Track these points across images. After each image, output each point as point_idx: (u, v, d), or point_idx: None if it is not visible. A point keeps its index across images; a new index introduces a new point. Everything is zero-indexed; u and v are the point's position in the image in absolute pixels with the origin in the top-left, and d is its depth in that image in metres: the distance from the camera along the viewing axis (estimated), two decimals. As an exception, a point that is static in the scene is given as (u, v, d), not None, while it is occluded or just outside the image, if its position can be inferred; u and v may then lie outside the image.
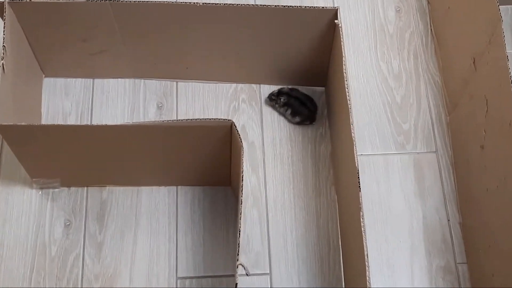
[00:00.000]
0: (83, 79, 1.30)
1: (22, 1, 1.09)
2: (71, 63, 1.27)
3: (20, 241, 1.16)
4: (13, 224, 1.17)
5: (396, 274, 1.15)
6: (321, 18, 1.12)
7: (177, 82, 1.30)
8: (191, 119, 1.03)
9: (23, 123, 1.00)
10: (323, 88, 1.31)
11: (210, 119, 1.02)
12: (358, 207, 0.95)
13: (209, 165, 1.15)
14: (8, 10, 1.08)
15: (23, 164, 1.13)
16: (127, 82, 1.30)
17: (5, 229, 1.17)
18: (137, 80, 1.30)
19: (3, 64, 1.03)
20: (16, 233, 1.16)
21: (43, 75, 1.30)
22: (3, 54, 1.05)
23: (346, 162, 1.11)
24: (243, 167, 1.00)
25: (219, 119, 1.02)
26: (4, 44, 1.06)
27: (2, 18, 1.09)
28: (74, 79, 1.30)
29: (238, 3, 1.13)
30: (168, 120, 1.01)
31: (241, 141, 1.00)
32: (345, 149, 1.11)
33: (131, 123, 1.04)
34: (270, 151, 1.25)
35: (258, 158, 1.24)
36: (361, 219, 0.94)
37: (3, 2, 1.08)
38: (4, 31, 1.07)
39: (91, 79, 1.30)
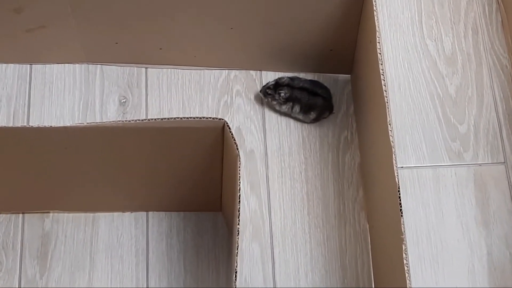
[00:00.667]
0: (17, 65, 1.32)
1: None
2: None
3: None
4: None
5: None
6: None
7: (146, 68, 1.32)
8: (167, 119, 1.03)
9: None
10: (348, 76, 1.32)
11: (193, 117, 1.02)
12: (399, 239, 0.96)
13: (191, 182, 1.16)
14: None
15: None
16: (78, 69, 1.32)
17: None
18: (91, 66, 1.32)
19: None
20: None
21: (-39, 59, 1.31)
22: None
23: (381, 178, 1.12)
24: (240, 185, 1.00)
25: (205, 117, 1.02)
26: None
27: None
28: (3, 65, 1.31)
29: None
30: (134, 120, 1.01)
31: (237, 149, 1.00)
32: (380, 159, 1.12)
33: (83, 124, 1.04)
34: (276, 163, 1.26)
35: (259, 173, 1.25)
36: (404, 256, 0.94)
37: None
38: None
39: (28, 65, 1.32)
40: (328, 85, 1.30)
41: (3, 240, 1.20)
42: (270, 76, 1.31)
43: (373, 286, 1.18)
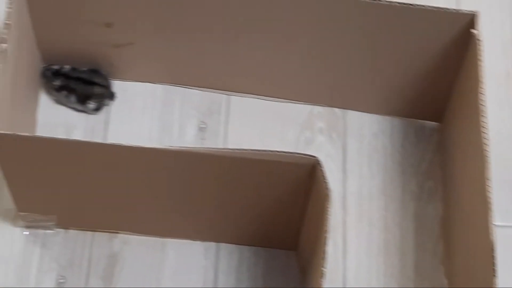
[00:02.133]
0: (99, 80, 1.33)
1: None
2: (85, 54, 1.29)
3: (-8, 299, 1.18)
4: (-15, 275, 1.19)
5: None
6: (450, 25, 1.14)
7: (230, 95, 1.32)
8: (252, 150, 1.03)
9: (26, 134, 1.03)
10: (436, 123, 1.31)
11: (284, 152, 1.02)
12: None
13: (268, 218, 1.16)
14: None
15: (11, 190, 1.15)
16: (159, 89, 1.33)
17: (-27, 282, 1.19)
18: (172, 87, 1.33)
19: (6, 48, 1.06)
20: (-11, 288, 1.18)
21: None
22: (6, 33, 1.07)
23: (469, 233, 1.11)
24: (328, 227, 1.00)
25: (296, 153, 1.02)
26: (8, 21, 1.09)
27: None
28: (86, 77, 1.33)
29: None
30: (214, 148, 1.02)
31: (327, 189, 1.00)
32: (470, 214, 1.11)
33: (160, 146, 1.05)
34: (354, 207, 1.25)
35: (336, 217, 1.24)
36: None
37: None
38: (8, 7, 1.11)
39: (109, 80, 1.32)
40: (414, 131, 1.30)
41: (71, 257, 1.20)
42: (356, 116, 1.31)
43: None
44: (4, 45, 1.06)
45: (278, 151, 1.03)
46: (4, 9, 1.11)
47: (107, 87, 1.29)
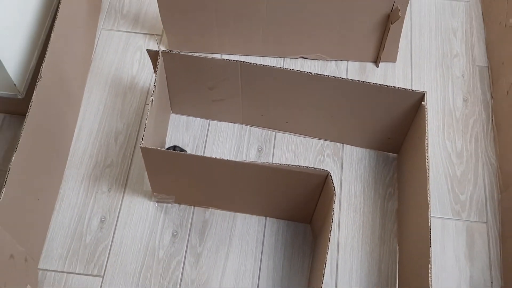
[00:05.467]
0: (201, 119, 1.33)
1: (173, 52, 1.14)
2: (195, 104, 1.31)
3: (135, 242, 1.19)
4: (132, 228, 1.20)
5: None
6: (408, 98, 1.14)
7: (276, 132, 1.33)
8: (291, 165, 1.04)
9: (160, 148, 1.05)
10: (396, 154, 1.30)
11: (308, 167, 1.03)
12: (427, 261, 0.94)
13: (296, 204, 1.16)
14: (160, 58, 1.14)
15: (150, 180, 1.16)
16: (236, 127, 1.33)
17: (125, 230, 1.20)
18: (244, 126, 1.33)
19: (152, 99, 1.09)
20: (133, 235, 1.19)
21: (171, 111, 1.34)
22: (153, 91, 1.10)
23: (413, 220, 1.10)
24: (333, 212, 1.00)
25: (316, 168, 1.03)
26: (155, 84, 1.11)
27: (155, 63, 1.15)
28: (194, 118, 1.33)
29: (339, 76, 1.16)
30: (269, 163, 1.03)
31: (334, 190, 1.01)
32: (413, 209, 1.11)
33: (237, 160, 1.06)
34: (346, 201, 1.25)
35: (336, 205, 1.24)
36: (429, 273, 0.93)
37: (158, 51, 1.13)
38: (155, 74, 1.13)
39: (208, 120, 1.33)
40: (382, 159, 1.29)
41: (181, 220, 1.22)
42: (348, 148, 1.30)
43: (397, 279, 1.16)
44: (151, 97, 1.09)
45: (303, 166, 1.04)
46: (153, 77, 1.13)
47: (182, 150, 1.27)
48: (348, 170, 1.28)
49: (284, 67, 1.15)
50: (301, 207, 1.16)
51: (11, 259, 1.02)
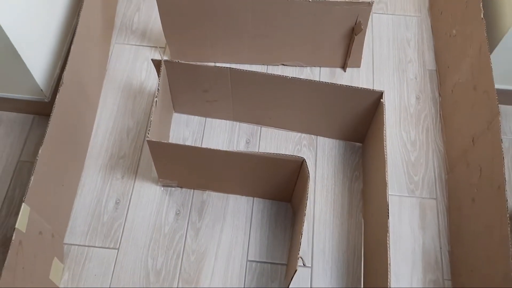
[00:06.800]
0: (199, 117, 1.31)
1: (174, 61, 1.12)
2: (193, 105, 1.28)
3: (145, 220, 1.17)
4: (142, 208, 1.18)
5: (400, 282, 1.11)
6: (369, 97, 1.12)
7: (261, 127, 1.31)
8: (273, 153, 1.02)
9: (164, 141, 1.02)
10: (361, 144, 1.28)
11: (288, 155, 1.01)
12: (386, 230, 0.93)
13: (278, 186, 1.14)
14: (163, 66, 1.12)
15: (156, 168, 1.14)
16: (228, 123, 1.31)
17: (136, 210, 1.18)
18: (234, 123, 1.31)
19: (156, 100, 1.06)
20: (143, 214, 1.17)
21: (173, 111, 1.31)
22: (157, 93, 1.07)
23: (375, 198, 1.09)
24: (308, 192, 0.98)
25: (293, 155, 1.01)
26: (158, 88, 1.09)
27: (159, 70, 1.12)
28: (193, 116, 1.31)
29: (312, 79, 1.14)
30: (256, 152, 1.02)
31: (309, 174, 0.99)
32: (375, 188, 1.09)
33: (229, 150, 1.04)
34: (319, 183, 1.23)
35: (311, 187, 1.22)
36: (387, 240, 0.91)
37: (161, 60, 1.11)
38: (159, 79, 1.10)
39: (204, 118, 1.31)
40: (350, 147, 1.27)
41: (183, 201, 1.20)
42: (321, 139, 1.28)
43: (363, 252, 1.14)
44: (155, 99, 1.07)
45: (284, 154, 1.02)
46: (156, 81, 1.11)
47: None
48: (321, 158, 1.26)
49: (267, 72, 1.13)
50: (282, 188, 1.15)
51: (40, 235, 0.99)
